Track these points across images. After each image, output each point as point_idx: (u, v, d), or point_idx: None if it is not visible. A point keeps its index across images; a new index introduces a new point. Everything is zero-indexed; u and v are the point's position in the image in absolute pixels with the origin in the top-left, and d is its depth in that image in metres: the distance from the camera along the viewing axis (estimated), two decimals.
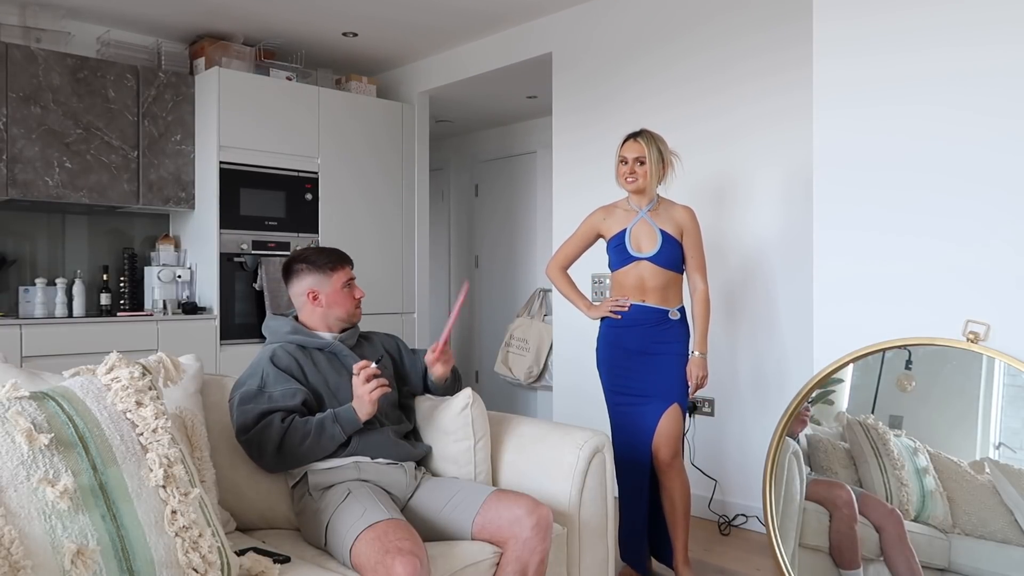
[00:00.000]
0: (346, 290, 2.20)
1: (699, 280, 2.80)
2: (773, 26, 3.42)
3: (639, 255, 2.73)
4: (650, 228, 2.75)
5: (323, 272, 2.18)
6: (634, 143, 2.77)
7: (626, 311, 2.74)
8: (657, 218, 2.77)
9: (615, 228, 2.79)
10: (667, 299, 2.75)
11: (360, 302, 2.24)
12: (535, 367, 5.22)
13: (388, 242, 4.99)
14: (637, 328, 2.74)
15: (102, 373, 1.53)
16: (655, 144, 2.75)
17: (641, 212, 2.77)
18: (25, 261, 4.25)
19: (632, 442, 2.74)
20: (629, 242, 2.75)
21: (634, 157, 2.75)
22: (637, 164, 2.75)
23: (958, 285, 2.32)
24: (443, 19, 4.35)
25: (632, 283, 2.75)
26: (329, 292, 2.18)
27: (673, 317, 2.75)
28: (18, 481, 1.30)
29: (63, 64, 4.00)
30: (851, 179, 2.55)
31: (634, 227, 2.76)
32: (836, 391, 2.51)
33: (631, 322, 2.75)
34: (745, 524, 3.50)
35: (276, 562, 1.69)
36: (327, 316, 2.18)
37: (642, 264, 2.73)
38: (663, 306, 2.74)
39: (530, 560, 1.84)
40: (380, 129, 4.97)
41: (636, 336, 2.75)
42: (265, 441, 1.94)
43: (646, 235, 2.75)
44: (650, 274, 2.72)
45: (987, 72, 2.27)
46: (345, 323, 2.21)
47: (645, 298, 2.74)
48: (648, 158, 2.73)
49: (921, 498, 2.30)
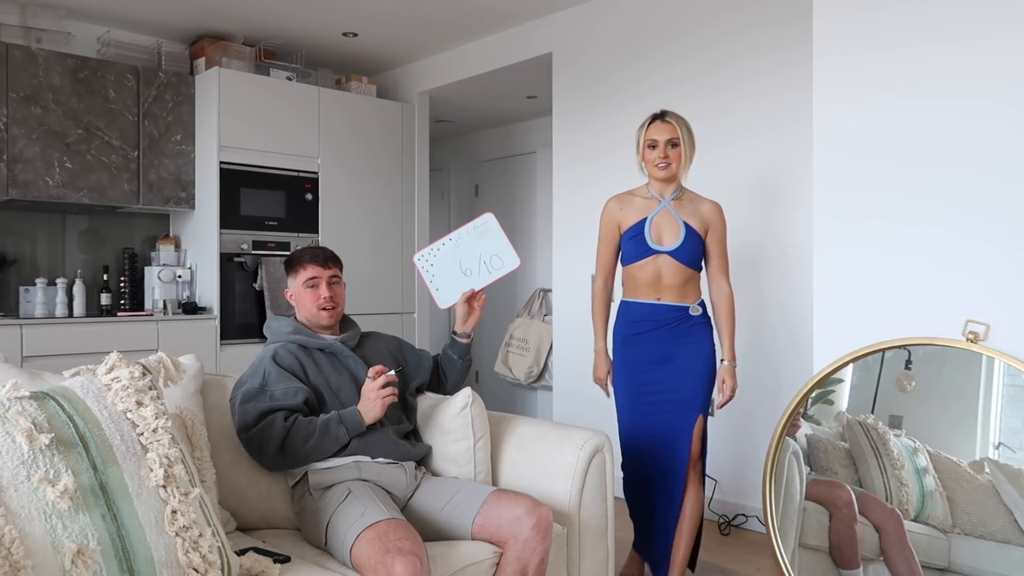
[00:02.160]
0: (309, 290, 2.15)
1: (724, 282, 2.57)
2: (773, 25, 3.42)
3: (659, 248, 2.48)
4: (672, 219, 2.49)
5: (292, 271, 2.20)
6: (663, 124, 2.49)
7: (608, 397, 2.51)
8: (681, 209, 2.51)
9: (633, 218, 2.53)
10: (685, 296, 2.50)
11: (327, 302, 2.14)
12: (535, 367, 5.22)
13: (388, 242, 4.99)
14: (656, 332, 2.50)
15: (102, 373, 1.53)
16: (685, 124, 2.50)
17: (664, 201, 2.52)
18: (25, 261, 4.25)
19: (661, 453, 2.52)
20: (649, 233, 2.49)
21: (666, 139, 2.47)
22: (669, 147, 2.46)
23: (958, 285, 2.32)
24: (443, 19, 4.35)
25: (647, 279, 2.50)
26: (294, 292, 2.19)
27: (695, 313, 2.51)
28: (18, 481, 1.30)
29: (63, 64, 4.00)
30: (851, 179, 2.55)
31: (655, 217, 2.50)
32: (836, 391, 2.51)
33: (648, 325, 2.50)
34: (745, 524, 3.50)
35: (276, 562, 1.69)
36: (301, 316, 2.20)
37: (661, 258, 2.48)
38: (682, 303, 2.50)
39: (530, 560, 1.84)
40: (380, 129, 4.97)
41: (655, 341, 2.50)
42: (267, 440, 1.94)
43: (668, 227, 2.49)
44: (669, 270, 2.48)
45: (987, 67, 2.27)
46: (310, 324, 2.18)
47: (661, 296, 2.50)
48: (681, 139, 2.47)
49: (921, 498, 2.30)
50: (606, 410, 3.95)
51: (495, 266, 2.27)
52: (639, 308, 2.54)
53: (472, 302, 2.30)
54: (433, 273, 2.32)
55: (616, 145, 4.00)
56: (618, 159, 3.98)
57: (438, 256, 2.31)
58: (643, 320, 2.52)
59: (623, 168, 3.91)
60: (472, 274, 2.28)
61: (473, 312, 2.30)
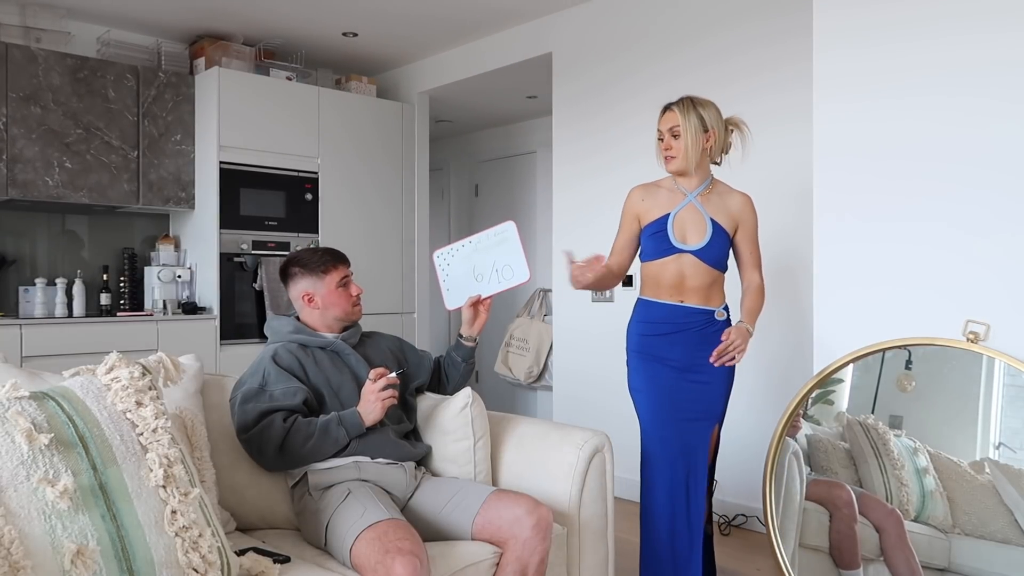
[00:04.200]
0: (341, 290, 2.19)
1: (755, 275, 2.40)
2: (773, 23, 3.42)
3: (682, 247, 2.31)
4: (699, 215, 2.33)
5: (316, 275, 2.18)
6: (668, 113, 2.34)
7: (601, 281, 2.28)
8: (708, 204, 2.34)
9: (656, 212, 2.36)
10: (709, 299, 2.34)
11: (359, 298, 2.23)
12: (535, 367, 5.22)
13: (388, 242, 4.99)
14: (678, 335, 2.33)
15: (102, 373, 1.53)
16: (694, 111, 2.30)
17: (690, 196, 2.34)
18: (25, 261, 4.25)
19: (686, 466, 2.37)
20: (672, 230, 2.32)
21: (668, 129, 2.32)
22: (672, 138, 2.32)
23: (958, 285, 2.32)
24: (443, 19, 4.35)
25: (670, 279, 2.33)
26: (324, 294, 2.17)
27: (720, 318, 2.35)
28: (18, 481, 1.30)
29: (63, 64, 4.00)
30: (852, 178, 2.55)
31: (679, 212, 2.33)
32: (836, 391, 2.51)
33: (669, 328, 2.34)
34: (745, 524, 3.50)
35: (276, 562, 1.69)
36: (325, 317, 2.18)
37: (684, 258, 2.31)
38: (706, 306, 2.34)
39: (530, 560, 1.84)
40: (380, 129, 4.97)
41: (678, 346, 2.33)
42: (266, 441, 1.94)
43: (693, 223, 2.33)
44: (692, 271, 2.31)
45: (989, 64, 2.27)
46: (344, 322, 2.21)
47: (684, 298, 2.33)
48: (685, 128, 2.29)
49: (921, 498, 2.30)
50: (606, 410, 3.95)
51: (506, 276, 2.25)
52: (660, 309, 2.37)
53: (478, 306, 2.30)
54: (448, 273, 2.33)
55: (616, 144, 4.00)
56: (618, 158, 3.99)
57: (455, 257, 2.31)
58: (664, 322, 2.36)
59: (623, 168, 3.91)
60: (482, 280, 2.28)
61: (479, 316, 2.30)
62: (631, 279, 3.88)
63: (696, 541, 2.39)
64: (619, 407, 3.34)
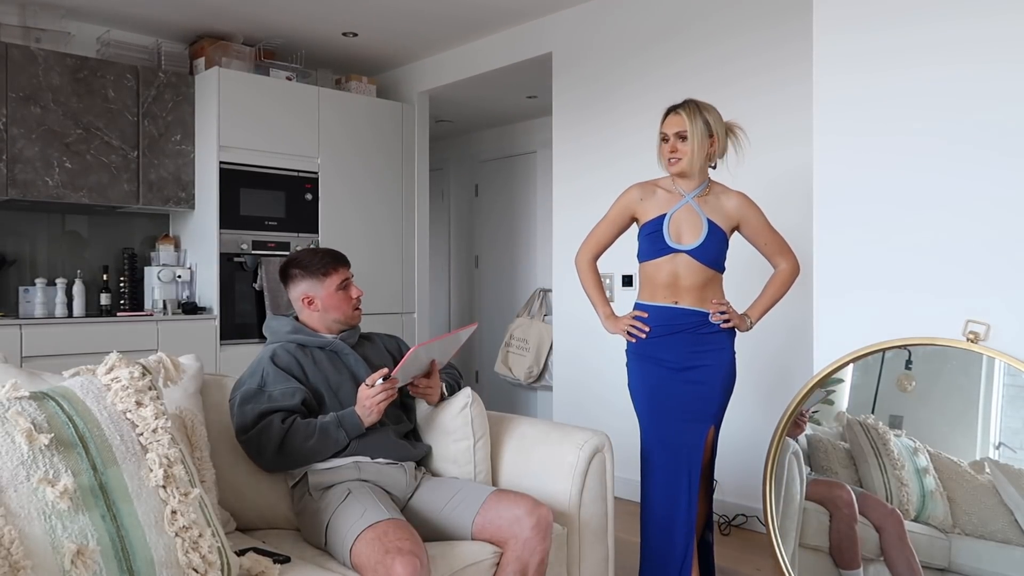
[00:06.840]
0: (342, 293, 2.18)
1: (782, 261, 2.45)
2: (773, 23, 3.42)
3: (677, 247, 2.34)
4: (695, 216, 2.36)
5: (316, 277, 2.17)
6: (674, 116, 2.37)
7: (644, 336, 2.35)
8: (705, 205, 2.38)
9: (652, 212, 2.40)
10: (704, 300, 2.36)
11: (359, 301, 2.23)
12: (535, 367, 5.22)
13: (388, 242, 4.99)
14: (674, 336, 2.36)
15: (102, 373, 1.53)
16: (700, 115, 2.34)
17: (687, 197, 2.38)
18: (25, 261, 4.25)
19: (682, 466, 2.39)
20: (667, 230, 2.35)
21: (675, 132, 2.35)
22: (679, 141, 2.35)
23: (958, 285, 2.31)
24: (443, 19, 4.35)
25: (664, 279, 2.37)
26: (324, 296, 2.17)
27: (715, 320, 2.38)
28: (18, 481, 1.30)
29: (63, 64, 4.00)
30: (852, 179, 2.54)
31: (675, 213, 2.37)
32: (836, 391, 2.51)
33: (665, 329, 2.36)
34: (745, 524, 3.50)
35: (276, 562, 1.69)
36: (324, 319, 2.18)
37: (679, 258, 2.34)
38: (701, 307, 2.36)
39: (530, 560, 1.84)
40: (380, 129, 4.97)
41: (674, 347, 2.36)
42: (265, 441, 1.94)
43: (689, 224, 2.36)
44: (687, 270, 2.34)
45: (989, 64, 2.27)
46: (344, 325, 2.20)
47: (678, 299, 2.36)
48: (692, 132, 2.33)
49: (921, 498, 2.30)
50: (606, 410, 3.95)
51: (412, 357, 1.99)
52: (655, 312, 2.39)
53: (423, 381, 2.12)
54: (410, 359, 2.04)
55: (616, 144, 4.01)
56: (618, 158, 3.99)
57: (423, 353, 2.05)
58: (660, 325, 2.37)
59: (623, 167, 3.91)
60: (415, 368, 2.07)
61: (432, 387, 2.13)
62: (631, 279, 3.88)
63: (691, 541, 2.40)
64: (619, 407, 3.34)
